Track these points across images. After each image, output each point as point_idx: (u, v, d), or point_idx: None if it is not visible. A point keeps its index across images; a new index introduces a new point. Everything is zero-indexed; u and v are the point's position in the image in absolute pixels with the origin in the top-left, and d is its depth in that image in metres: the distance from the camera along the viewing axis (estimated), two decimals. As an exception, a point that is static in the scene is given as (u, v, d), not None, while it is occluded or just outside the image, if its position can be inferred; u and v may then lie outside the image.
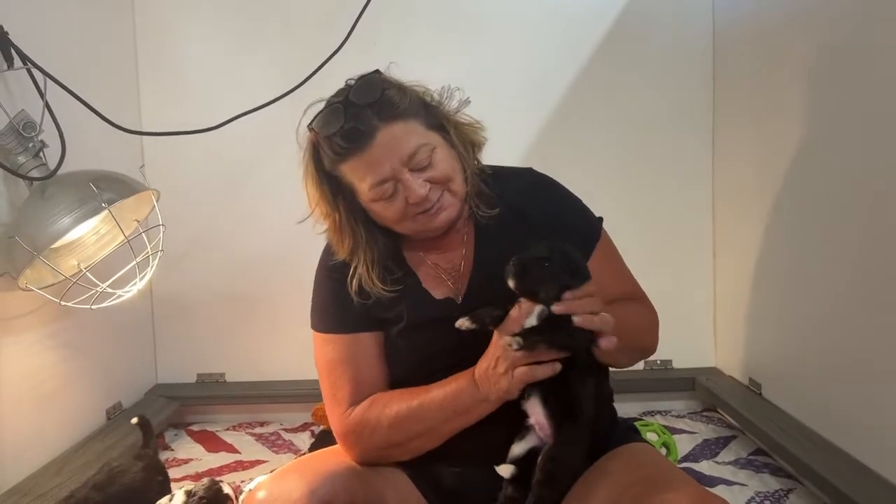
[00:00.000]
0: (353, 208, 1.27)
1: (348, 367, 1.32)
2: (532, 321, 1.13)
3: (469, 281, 1.31)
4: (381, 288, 1.28)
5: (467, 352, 1.23)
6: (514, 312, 1.14)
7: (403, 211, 1.22)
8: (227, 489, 1.63)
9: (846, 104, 1.67)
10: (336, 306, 1.32)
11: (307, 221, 1.30)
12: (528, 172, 1.41)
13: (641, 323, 1.35)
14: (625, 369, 1.35)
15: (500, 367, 1.14)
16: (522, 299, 1.14)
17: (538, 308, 1.13)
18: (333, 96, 1.24)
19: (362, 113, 1.18)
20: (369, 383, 1.32)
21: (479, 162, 1.34)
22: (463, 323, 1.16)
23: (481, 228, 1.33)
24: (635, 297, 1.39)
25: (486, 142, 1.33)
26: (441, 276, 1.33)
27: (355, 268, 1.29)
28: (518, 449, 1.20)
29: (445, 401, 1.22)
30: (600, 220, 1.39)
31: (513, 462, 1.19)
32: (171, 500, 1.55)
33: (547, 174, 1.40)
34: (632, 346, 1.30)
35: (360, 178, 1.21)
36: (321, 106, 1.24)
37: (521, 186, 1.36)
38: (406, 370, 1.32)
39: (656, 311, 1.40)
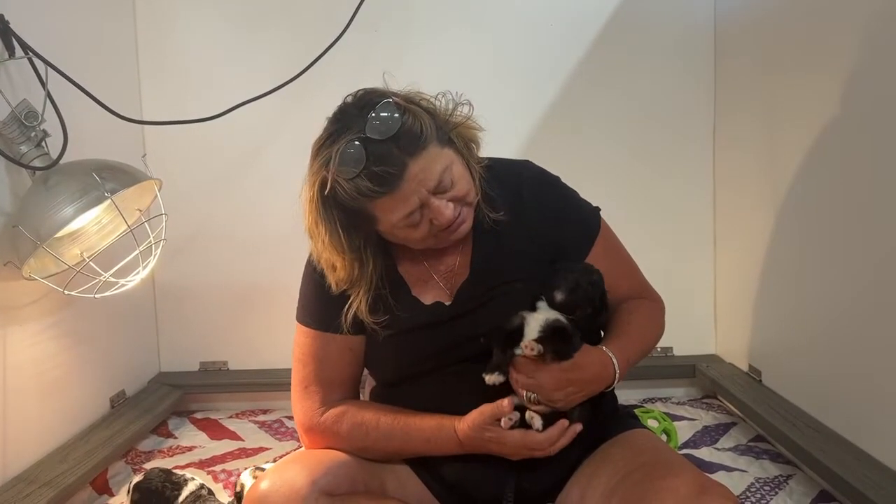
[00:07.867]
0: (366, 237, 1.24)
1: (322, 365, 1.34)
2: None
3: (463, 282, 1.30)
4: (372, 322, 1.28)
5: (456, 354, 1.26)
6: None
7: (427, 232, 1.21)
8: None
9: (847, 94, 1.66)
10: (319, 304, 1.32)
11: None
12: (524, 167, 1.38)
13: (652, 333, 1.36)
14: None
15: (498, 450, 1.20)
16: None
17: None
18: (341, 124, 1.17)
19: (389, 153, 1.12)
20: (339, 382, 1.35)
21: (479, 161, 1.30)
22: (493, 378, 1.19)
23: (478, 229, 1.31)
24: (641, 293, 1.39)
25: (481, 133, 1.29)
26: (433, 279, 1.32)
27: (352, 301, 1.28)
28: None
29: (422, 441, 1.26)
30: (597, 209, 1.38)
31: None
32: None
33: (544, 168, 1.38)
34: (644, 355, 1.33)
35: (389, 212, 1.17)
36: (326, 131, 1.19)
37: (517, 183, 1.33)
38: (394, 372, 1.34)
39: (661, 298, 1.40)
